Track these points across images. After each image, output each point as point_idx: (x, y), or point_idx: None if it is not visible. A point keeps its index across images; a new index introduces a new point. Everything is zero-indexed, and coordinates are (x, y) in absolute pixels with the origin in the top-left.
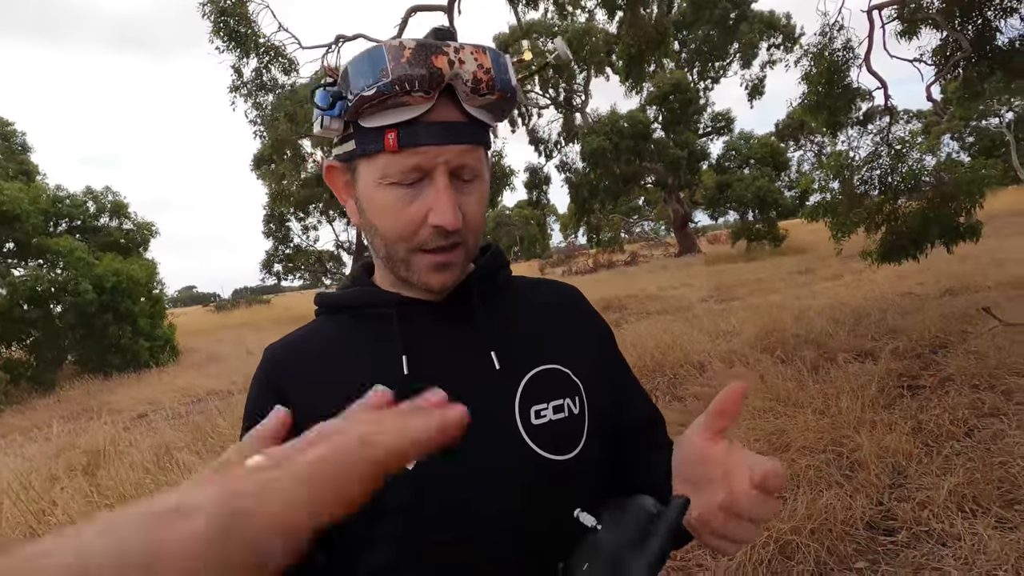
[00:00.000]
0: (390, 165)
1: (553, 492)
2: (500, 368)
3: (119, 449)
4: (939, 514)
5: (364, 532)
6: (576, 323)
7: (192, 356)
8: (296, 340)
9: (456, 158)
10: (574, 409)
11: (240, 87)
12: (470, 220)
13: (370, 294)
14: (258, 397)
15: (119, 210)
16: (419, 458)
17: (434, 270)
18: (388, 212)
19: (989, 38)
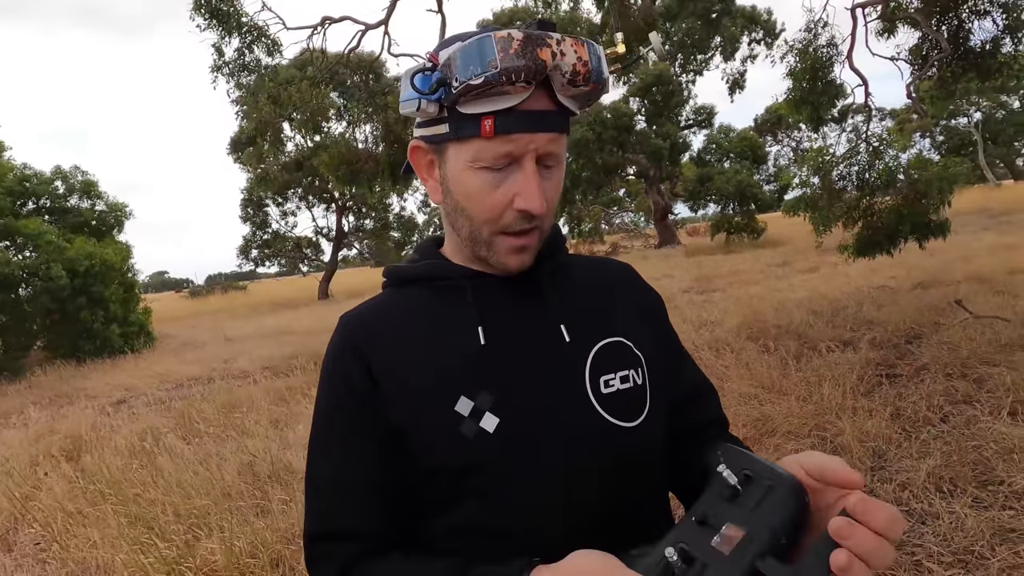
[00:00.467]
0: (483, 150)
1: (622, 456)
2: (570, 340)
3: (101, 435)
4: (918, 495)
5: (449, 492)
6: (634, 299)
7: (168, 342)
8: (372, 308)
9: (544, 146)
10: (637, 380)
11: (222, 67)
12: (550, 205)
13: (443, 267)
14: (340, 360)
15: (89, 190)
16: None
17: (513, 252)
18: (477, 195)
19: (963, 39)
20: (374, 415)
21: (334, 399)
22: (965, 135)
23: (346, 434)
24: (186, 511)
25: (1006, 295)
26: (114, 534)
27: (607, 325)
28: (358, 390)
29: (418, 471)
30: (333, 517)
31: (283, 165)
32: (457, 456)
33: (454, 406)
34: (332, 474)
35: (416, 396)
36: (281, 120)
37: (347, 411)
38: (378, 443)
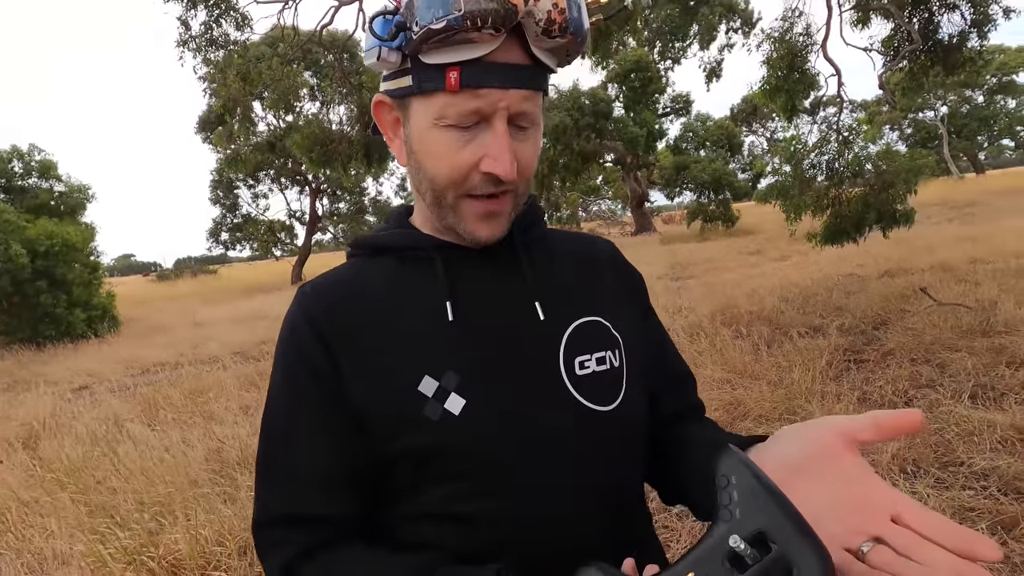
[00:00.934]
0: (449, 106)
1: (596, 441)
2: (544, 318)
3: (60, 421)
4: (883, 475)
5: (412, 477)
6: (614, 277)
7: (133, 327)
8: (333, 278)
9: (517, 104)
10: (615, 361)
11: (188, 41)
12: (523, 168)
13: (412, 237)
14: (296, 335)
15: (48, 171)
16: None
17: (482, 219)
18: (441, 155)
19: (932, 31)
20: (332, 394)
21: (289, 377)
22: (932, 128)
23: (303, 413)
24: (150, 500)
25: (968, 283)
26: (72, 524)
27: (585, 304)
28: (315, 367)
29: (380, 455)
30: (289, 501)
31: (255, 146)
32: (420, 439)
33: (418, 386)
34: (287, 456)
35: (377, 375)
36: (251, 98)
37: (303, 389)
38: (337, 424)
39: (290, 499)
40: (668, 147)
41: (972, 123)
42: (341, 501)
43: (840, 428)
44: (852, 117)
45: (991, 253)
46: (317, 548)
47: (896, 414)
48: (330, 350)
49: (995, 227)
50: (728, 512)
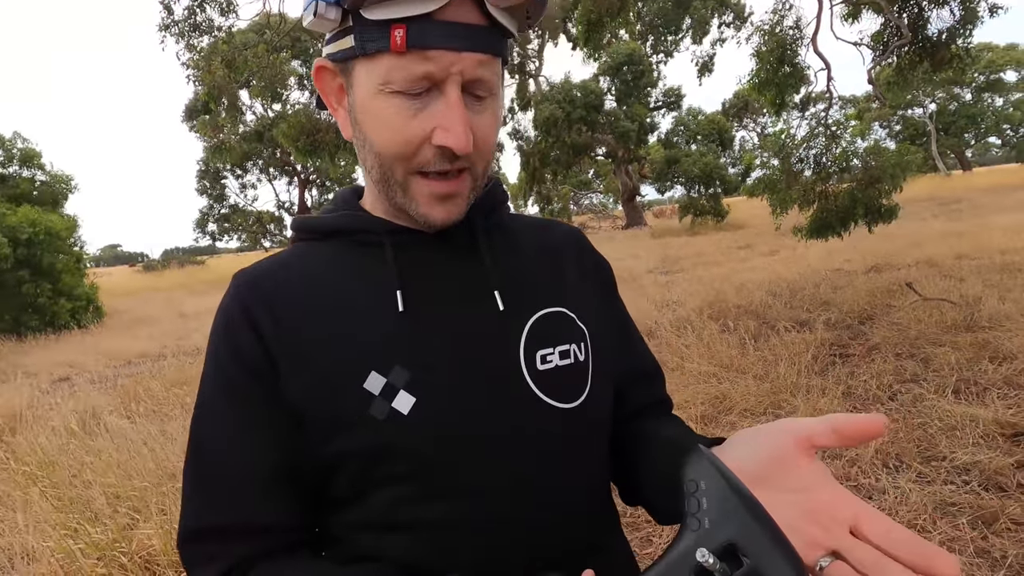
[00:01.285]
0: (395, 70)
1: (557, 440)
2: (504, 309)
3: (38, 413)
4: (866, 470)
5: (357, 482)
6: (581, 266)
7: (118, 318)
8: (272, 265)
9: (472, 69)
10: (579, 355)
11: (171, 26)
12: (480, 143)
13: (360, 219)
14: (228, 326)
15: (30, 159)
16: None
17: (437, 201)
18: (387, 126)
19: (921, 27)
20: (268, 391)
21: (221, 373)
22: (920, 125)
23: (236, 412)
24: (125, 494)
25: (953, 279)
26: (43, 519)
27: (548, 294)
28: (249, 362)
29: (320, 459)
30: (218, 510)
31: (242, 135)
32: (366, 441)
33: (363, 383)
34: (219, 460)
35: (318, 371)
36: (237, 86)
37: (235, 386)
38: (275, 422)
39: (223, 507)
40: (659, 141)
41: (960, 120)
42: (281, 508)
43: (797, 433)
44: (841, 112)
45: (976, 249)
46: (254, 561)
47: (856, 419)
48: (265, 343)
49: (981, 223)
50: (696, 521)
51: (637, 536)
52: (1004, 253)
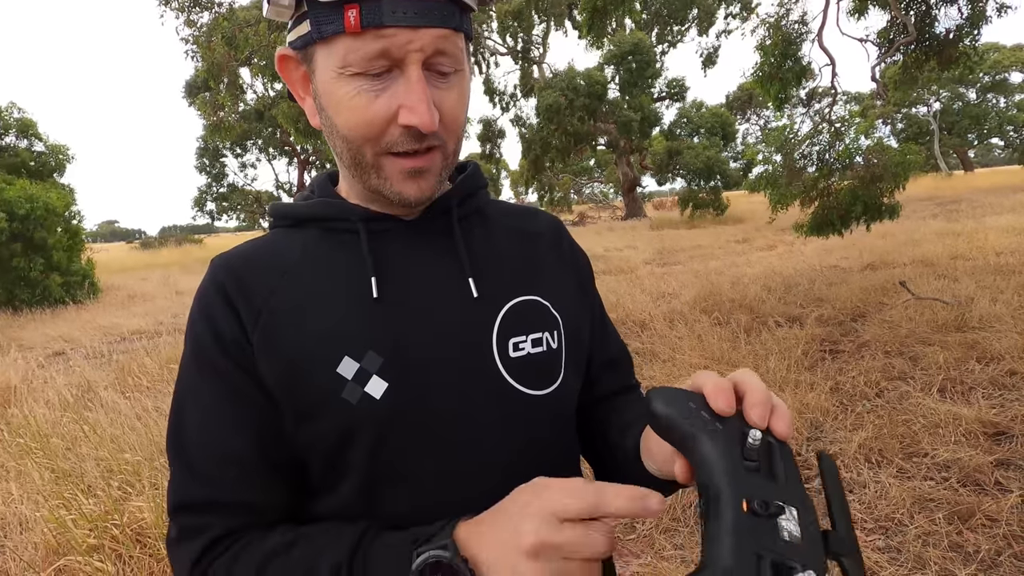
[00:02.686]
0: (352, 51)
1: (530, 428)
2: (478, 296)
3: (32, 387)
4: (849, 464)
5: (329, 468)
6: (557, 255)
7: (114, 294)
8: (249, 250)
9: (431, 44)
10: (552, 344)
11: (170, 0)
12: (448, 120)
13: (335, 206)
14: (206, 307)
15: (27, 129)
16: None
17: (408, 177)
18: (351, 109)
19: (929, 24)
20: (249, 374)
21: (201, 352)
22: (924, 124)
23: (215, 390)
24: (118, 467)
25: (947, 279)
26: (37, 489)
27: (523, 281)
28: (227, 339)
29: (294, 443)
30: (205, 485)
31: (242, 114)
32: (338, 425)
33: (336, 367)
34: (200, 437)
35: (291, 354)
36: (238, 64)
37: (218, 368)
38: (254, 400)
39: (209, 483)
40: (662, 132)
41: (964, 121)
42: (264, 482)
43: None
44: (845, 109)
45: (973, 249)
46: (242, 532)
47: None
48: (241, 322)
49: (978, 224)
50: (714, 425)
51: (621, 522)
52: (999, 254)
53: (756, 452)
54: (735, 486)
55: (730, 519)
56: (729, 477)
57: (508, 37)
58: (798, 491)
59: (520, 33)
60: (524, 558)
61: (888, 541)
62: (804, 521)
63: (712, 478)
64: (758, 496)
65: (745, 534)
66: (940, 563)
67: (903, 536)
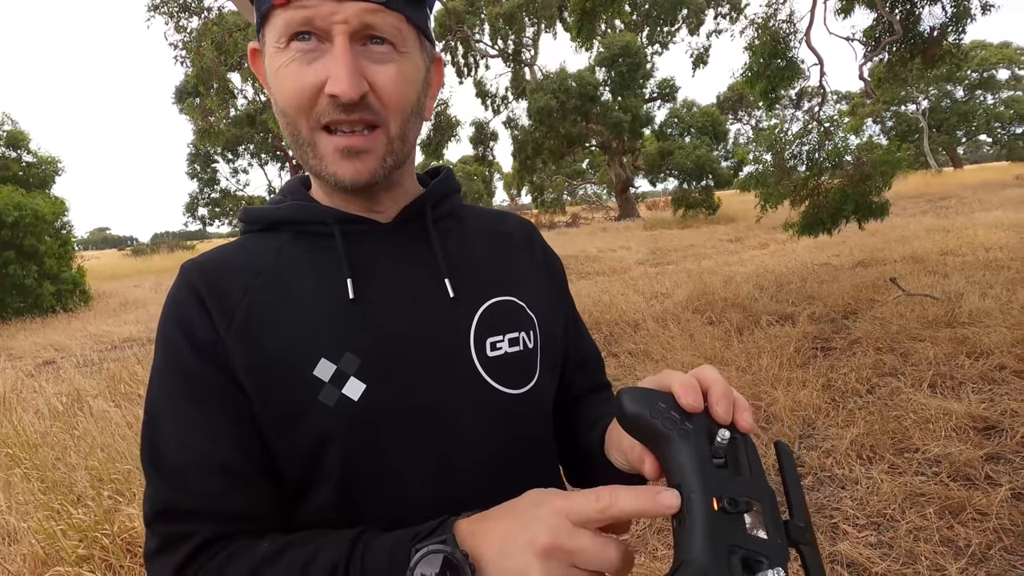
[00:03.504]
0: (281, 22)
1: (508, 425)
2: (455, 296)
3: (21, 396)
4: (841, 461)
5: (306, 472)
6: (531, 257)
7: (106, 301)
8: (222, 255)
9: (357, 17)
10: (528, 343)
11: (159, 6)
12: (384, 95)
13: (308, 209)
14: (178, 311)
15: (18, 141)
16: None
17: (343, 157)
18: (284, 78)
19: (913, 23)
20: (224, 371)
21: (175, 360)
22: (913, 122)
23: (194, 400)
24: (108, 477)
25: (937, 275)
26: (25, 500)
27: (499, 283)
28: (203, 348)
29: (272, 446)
30: (183, 493)
31: (233, 119)
32: (316, 427)
33: (313, 370)
34: (177, 445)
35: (266, 358)
36: (227, 69)
37: (192, 374)
38: (227, 405)
39: (187, 490)
40: (653, 133)
41: (952, 118)
42: (247, 488)
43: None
44: (835, 108)
45: (962, 245)
46: (223, 539)
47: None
48: (215, 325)
49: (968, 220)
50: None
51: None
52: (989, 250)
53: (723, 449)
54: (706, 485)
55: (702, 518)
56: (700, 476)
57: (499, 40)
58: (762, 484)
59: (511, 35)
60: (535, 558)
61: (880, 536)
62: (768, 515)
63: (684, 477)
64: (727, 493)
65: (717, 532)
66: (931, 557)
67: (895, 531)
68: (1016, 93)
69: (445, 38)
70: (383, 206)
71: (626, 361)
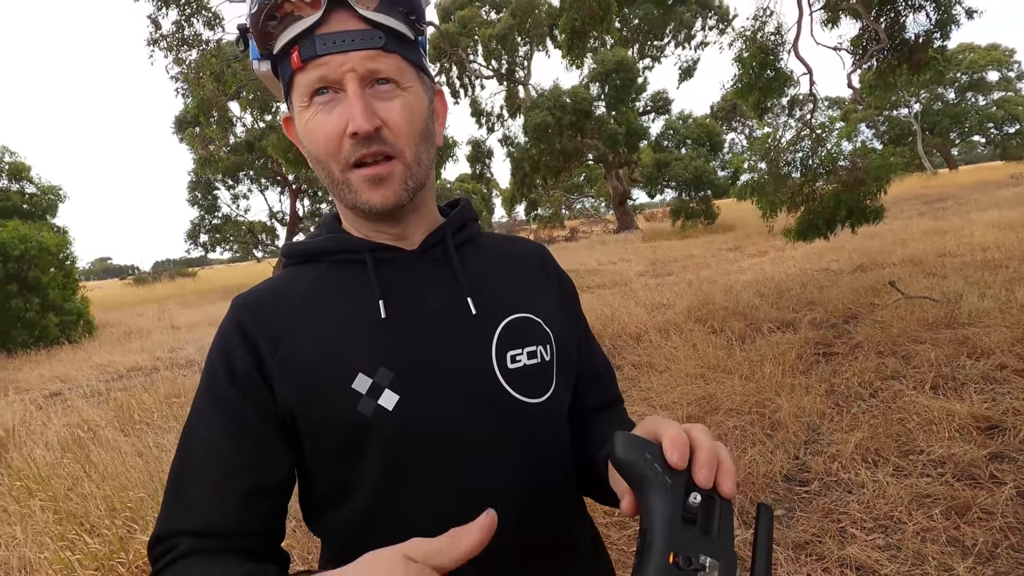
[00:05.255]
0: (302, 84)
1: (528, 432)
2: (477, 314)
3: (31, 429)
4: (846, 465)
5: (346, 477)
6: (544, 277)
7: (110, 331)
8: (268, 289)
9: (362, 64)
10: (545, 356)
11: (159, 40)
12: (396, 128)
13: (342, 240)
14: (225, 344)
15: (19, 173)
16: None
17: (371, 186)
18: (312, 131)
19: (899, 31)
20: (255, 406)
21: (212, 385)
22: (905, 125)
23: (220, 424)
24: (121, 505)
25: (936, 276)
26: (40, 531)
27: (517, 300)
28: (239, 377)
29: (313, 456)
30: (185, 515)
31: (232, 147)
32: (355, 436)
33: (351, 384)
34: (197, 467)
35: (310, 375)
36: (227, 99)
37: (223, 399)
38: (256, 437)
39: (189, 513)
40: (649, 145)
41: (944, 120)
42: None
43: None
44: (827, 115)
45: (960, 246)
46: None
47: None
48: (258, 354)
49: (964, 221)
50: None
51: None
52: (986, 250)
53: (695, 508)
54: (667, 538)
55: (654, 568)
56: (664, 529)
57: (492, 60)
58: (726, 548)
59: (504, 55)
60: None
61: (888, 539)
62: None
63: (651, 526)
64: (685, 551)
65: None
66: (939, 558)
67: (902, 533)
68: (1007, 94)
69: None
70: (410, 230)
71: (630, 373)
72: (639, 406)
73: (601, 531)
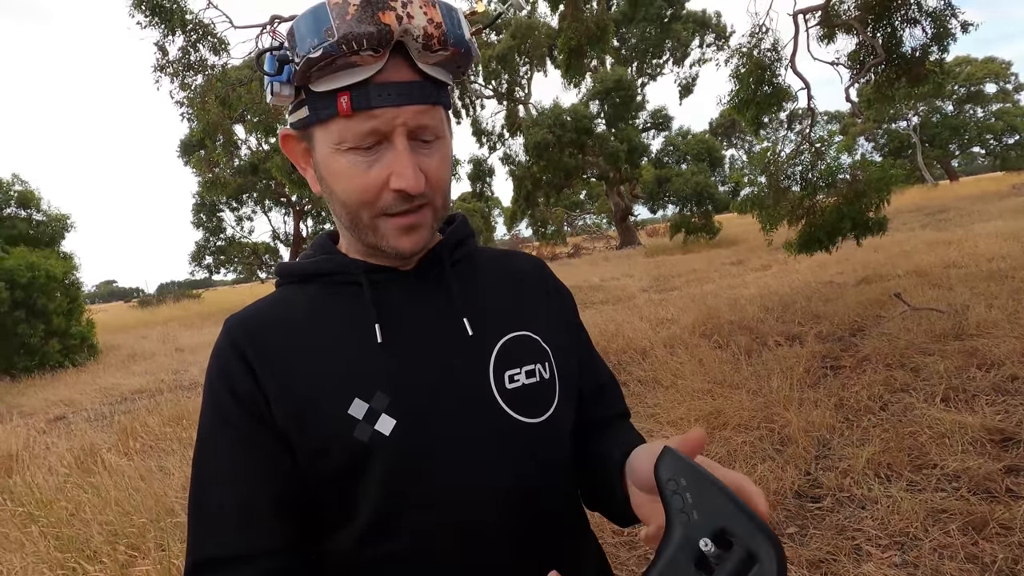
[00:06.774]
0: (346, 130)
1: (529, 453)
2: (473, 334)
3: (34, 453)
4: (859, 481)
5: (344, 502)
6: (543, 292)
7: (114, 354)
8: (261, 309)
9: (413, 119)
10: (544, 374)
11: (165, 67)
12: (434, 180)
13: (337, 262)
14: (223, 367)
15: (28, 201)
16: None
17: (403, 233)
18: (348, 178)
19: (896, 45)
20: (263, 425)
21: (218, 410)
22: (905, 138)
23: (233, 448)
24: (123, 531)
25: (941, 288)
26: (40, 558)
27: (513, 319)
28: (243, 395)
29: (311, 482)
30: (216, 542)
31: (237, 169)
32: (352, 462)
33: (347, 409)
34: (215, 493)
35: (304, 401)
36: (232, 122)
37: (233, 422)
38: (270, 456)
39: (220, 540)
40: (650, 161)
41: (943, 132)
42: (275, 537)
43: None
44: (826, 129)
45: (964, 257)
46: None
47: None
48: (256, 378)
49: (967, 231)
50: (684, 515)
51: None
52: (991, 260)
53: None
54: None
55: None
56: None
57: (493, 80)
58: None
59: (504, 75)
60: None
61: (904, 556)
62: None
63: (662, 553)
64: None
65: None
66: (958, 575)
67: (919, 550)
68: (1006, 105)
69: None
70: None
71: (636, 389)
72: (646, 422)
73: (611, 551)
